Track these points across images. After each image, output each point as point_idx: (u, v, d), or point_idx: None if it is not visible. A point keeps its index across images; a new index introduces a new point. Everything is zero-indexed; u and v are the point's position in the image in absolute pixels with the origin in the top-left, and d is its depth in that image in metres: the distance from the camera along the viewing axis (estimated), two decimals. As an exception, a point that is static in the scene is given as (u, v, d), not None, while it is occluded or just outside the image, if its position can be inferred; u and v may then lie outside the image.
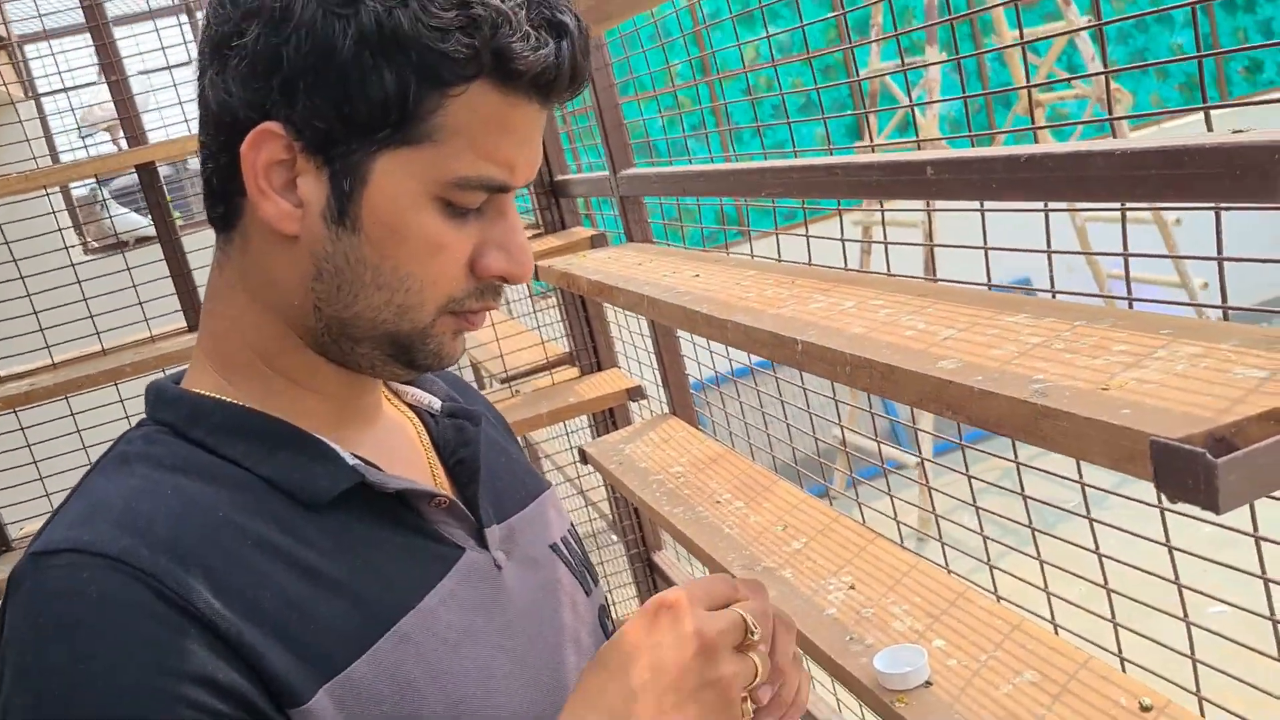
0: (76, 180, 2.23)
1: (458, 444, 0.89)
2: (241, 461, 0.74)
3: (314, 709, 0.66)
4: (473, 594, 0.79)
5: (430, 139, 0.71)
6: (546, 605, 0.86)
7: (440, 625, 0.75)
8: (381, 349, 0.77)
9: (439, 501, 0.80)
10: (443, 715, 0.71)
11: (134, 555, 0.65)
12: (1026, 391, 0.72)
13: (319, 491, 0.74)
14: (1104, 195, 0.87)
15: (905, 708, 1.05)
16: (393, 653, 0.71)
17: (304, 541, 0.72)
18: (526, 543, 0.88)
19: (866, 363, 0.90)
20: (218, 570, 0.67)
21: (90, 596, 0.63)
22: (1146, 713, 0.96)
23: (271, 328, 0.78)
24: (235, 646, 0.65)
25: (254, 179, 0.72)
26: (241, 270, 0.78)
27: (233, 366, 0.79)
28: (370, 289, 0.74)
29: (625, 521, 2.50)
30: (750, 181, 1.45)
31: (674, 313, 1.30)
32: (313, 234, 0.73)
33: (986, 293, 1.04)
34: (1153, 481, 0.61)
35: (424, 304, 0.75)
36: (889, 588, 1.28)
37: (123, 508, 0.68)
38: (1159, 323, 0.82)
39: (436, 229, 0.73)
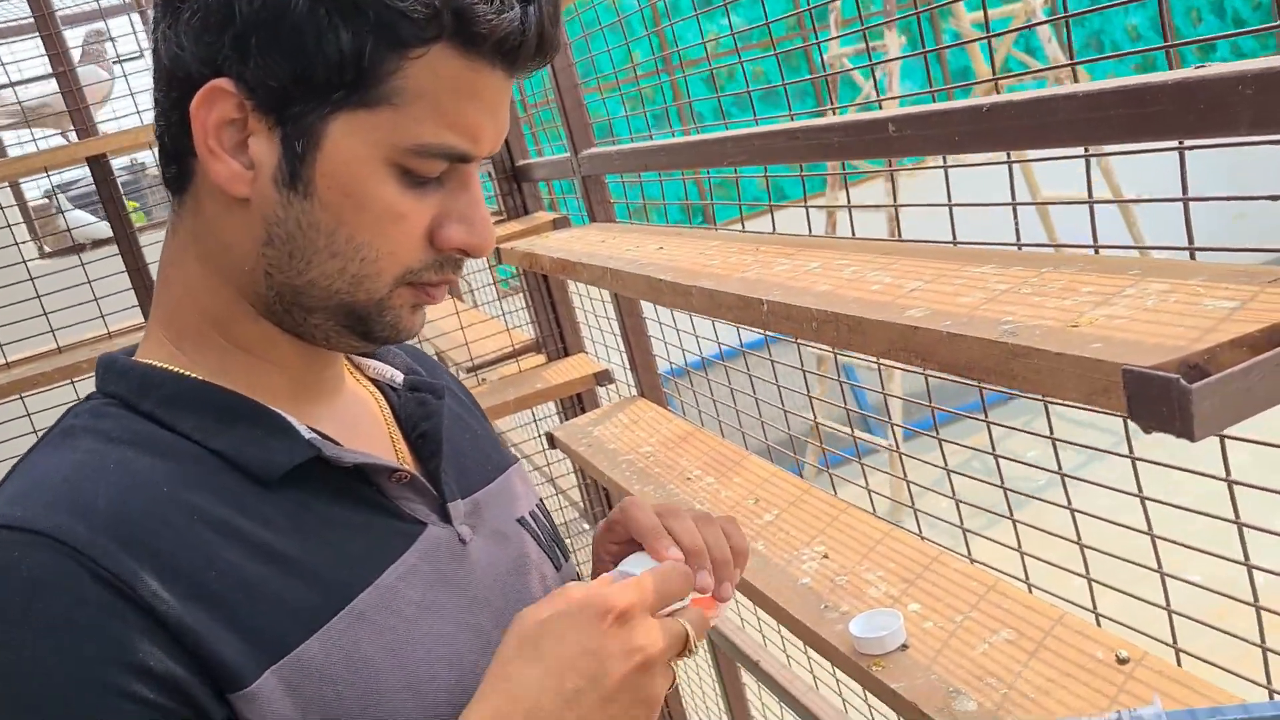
0: (25, 175, 2.18)
1: (420, 418, 0.86)
2: (193, 435, 0.71)
3: (258, 692, 0.63)
4: (435, 569, 0.77)
5: (388, 102, 0.68)
6: (514, 579, 0.83)
7: (400, 601, 0.72)
8: (336, 320, 0.74)
9: (399, 476, 0.78)
10: (402, 692, 0.69)
11: (69, 533, 0.62)
12: (996, 332, 0.71)
13: (273, 467, 0.71)
14: (1068, 140, 0.86)
15: (883, 671, 1.04)
16: (348, 631, 0.68)
17: (257, 518, 0.69)
18: (493, 517, 0.86)
19: (833, 317, 0.89)
20: (162, 550, 0.64)
21: (20, 576, 0.60)
22: (1124, 664, 0.96)
23: (224, 296, 0.75)
24: (174, 631, 0.62)
25: (204, 138, 0.69)
26: (193, 234, 0.74)
27: (186, 337, 0.76)
28: (323, 256, 0.71)
29: (596, 508, 2.48)
30: (712, 152, 1.43)
31: (637, 283, 1.28)
32: (264, 197, 0.70)
33: (952, 248, 1.03)
34: (1125, 414, 0.60)
35: (380, 274, 0.72)
36: (862, 555, 1.27)
37: (61, 483, 0.65)
38: (1127, 264, 0.81)
39: (394, 197, 0.70)
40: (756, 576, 1.27)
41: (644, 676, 0.67)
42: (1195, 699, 0.89)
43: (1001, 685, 0.97)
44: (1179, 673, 0.94)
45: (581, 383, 2.21)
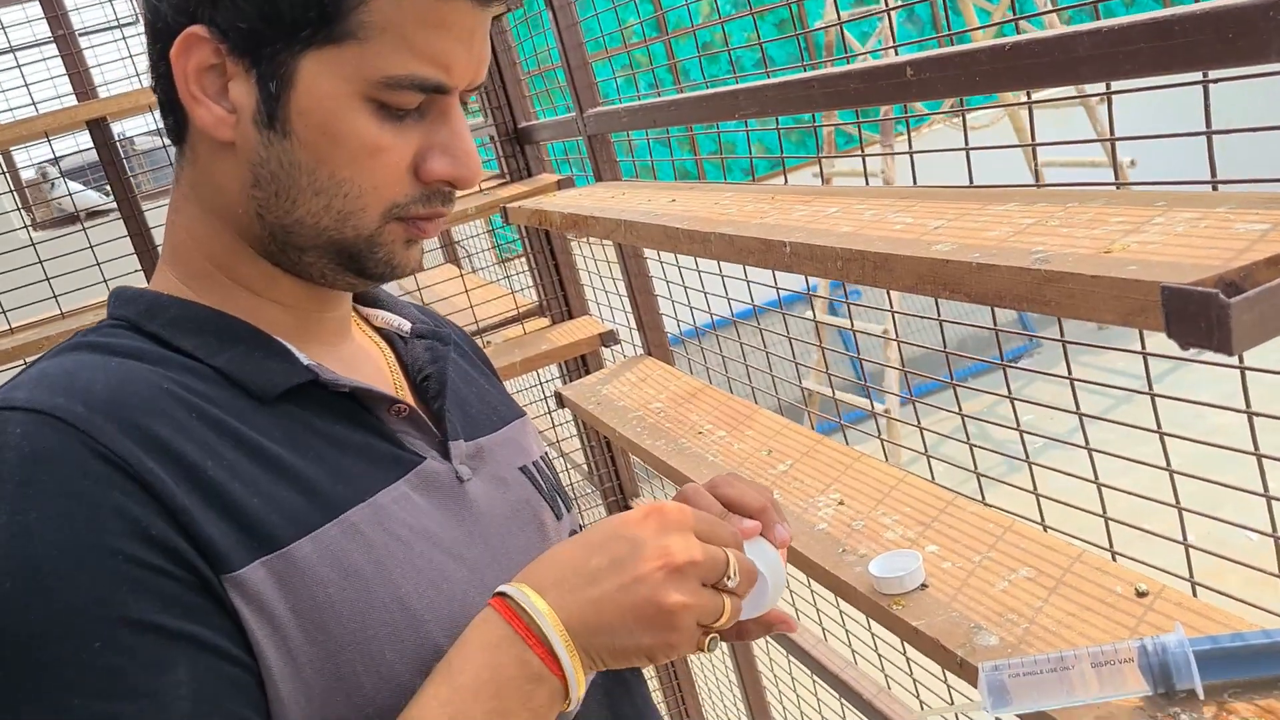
0: (27, 139, 2.17)
1: (425, 362, 0.88)
2: (195, 353, 0.73)
3: (247, 577, 0.64)
4: (429, 500, 0.78)
5: (354, 37, 0.69)
6: (512, 523, 0.84)
7: (392, 522, 0.73)
8: (329, 257, 0.76)
9: (398, 409, 0.80)
10: (392, 606, 0.70)
11: (67, 411, 0.63)
12: (1028, 260, 0.72)
13: (271, 385, 0.73)
14: (1091, 75, 0.87)
15: (903, 609, 1.05)
16: (340, 539, 0.69)
17: (254, 427, 0.71)
18: (495, 463, 0.87)
19: (858, 255, 0.90)
20: (159, 435, 0.65)
21: (21, 450, 0.61)
22: (1143, 598, 0.97)
23: (225, 238, 0.77)
24: (169, 506, 0.63)
25: (185, 84, 0.71)
26: (192, 181, 0.77)
27: (194, 275, 0.78)
28: (307, 194, 0.72)
29: (602, 469, 2.49)
30: (723, 105, 1.43)
31: (653, 234, 1.28)
32: (247, 140, 0.72)
33: (972, 189, 1.04)
34: (1164, 330, 0.61)
35: (365, 209, 0.73)
36: (878, 501, 1.28)
37: (59, 374, 0.67)
38: (1152, 197, 0.82)
39: (371, 131, 0.71)
40: (773, 523, 1.28)
41: (668, 579, 0.66)
42: (1215, 628, 0.91)
43: (1022, 620, 0.99)
44: (1197, 603, 0.95)
45: (587, 344, 2.21)
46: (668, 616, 0.67)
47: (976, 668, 0.94)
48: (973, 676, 0.96)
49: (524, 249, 2.50)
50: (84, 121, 2.12)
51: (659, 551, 0.67)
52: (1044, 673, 0.87)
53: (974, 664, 0.95)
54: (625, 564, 0.67)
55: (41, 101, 2.49)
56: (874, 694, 1.66)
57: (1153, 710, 0.83)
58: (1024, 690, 0.87)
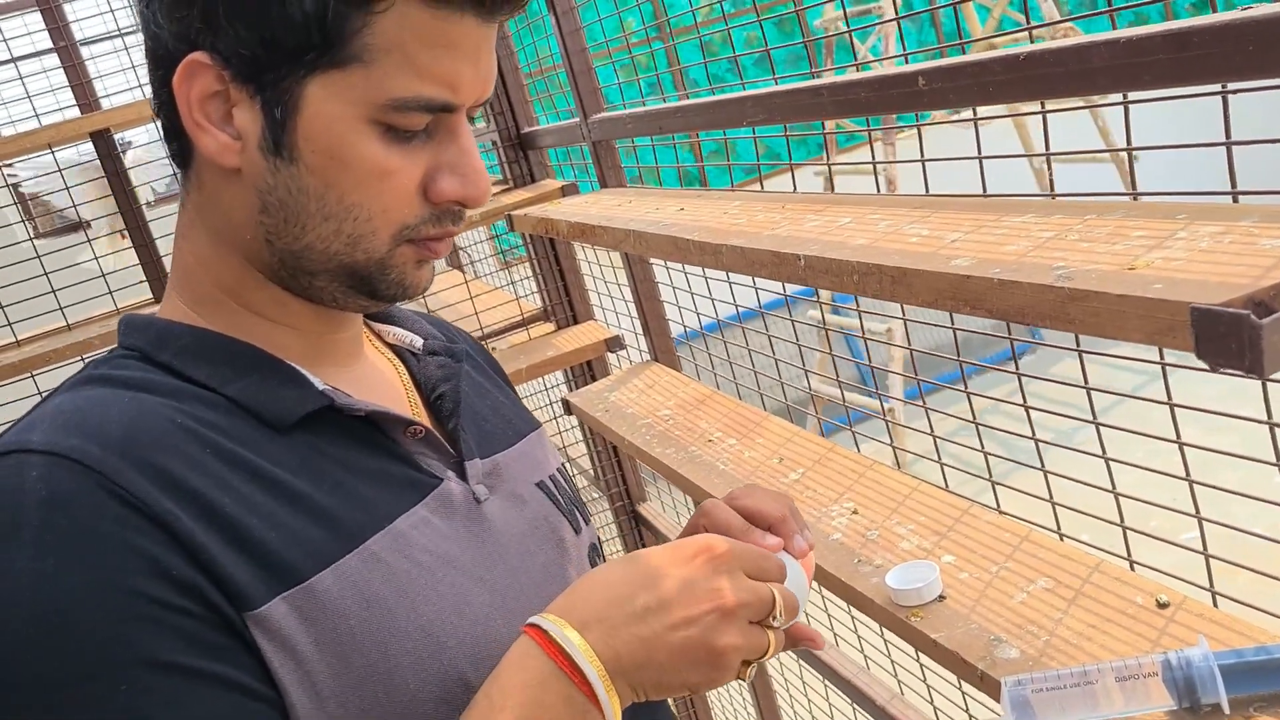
0: (30, 151, 2.16)
1: (439, 380, 0.87)
2: (208, 383, 0.72)
3: (268, 613, 0.64)
4: (448, 523, 0.77)
5: (358, 60, 0.68)
6: (531, 541, 0.84)
7: (412, 548, 0.73)
8: (340, 281, 0.75)
9: (414, 430, 0.79)
10: (415, 635, 0.69)
11: (83, 452, 0.62)
12: (1051, 277, 0.71)
13: (285, 412, 0.73)
14: (1107, 86, 0.86)
15: (921, 621, 1.05)
16: (361, 569, 0.69)
17: (269, 459, 0.70)
18: (512, 479, 0.87)
19: (875, 269, 0.89)
20: (174, 473, 0.64)
21: (39, 494, 0.61)
22: (1164, 609, 0.97)
23: (233, 264, 0.76)
24: (189, 546, 0.62)
25: (188, 112, 0.70)
26: (198, 208, 0.76)
27: (202, 302, 0.77)
28: (316, 220, 0.71)
29: (608, 475, 2.48)
30: (731, 112, 1.43)
31: (663, 245, 1.28)
32: (253, 166, 0.71)
33: (986, 199, 1.03)
34: (1194, 352, 0.61)
35: (375, 233, 0.72)
36: (892, 510, 1.28)
37: (73, 412, 0.66)
38: (1173, 209, 0.81)
39: (379, 155, 0.70)
40: (788, 533, 1.27)
41: (720, 622, 0.67)
42: (1237, 640, 0.90)
43: (1043, 632, 0.98)
44: (1219, 615, 0.95)
45: (593, 349, 2.21)
46: (718, 657, 0.67)
47: (997, 681, 0.94)
48: (993, 690, 0.96)
49: (528, 254, 2.49)
50: (88, 133, 2.12)
51: (711, 594, 0.67)
52: (1068, 687, 0.86)
53: (995, 677, 0.94)
54: (676, 604, 0.67)
55: (43, 112, 2.48)
56: (887, 700, 1.65)
57: (1177, 725, 0.83)
58: (1048, 705, 0.87)
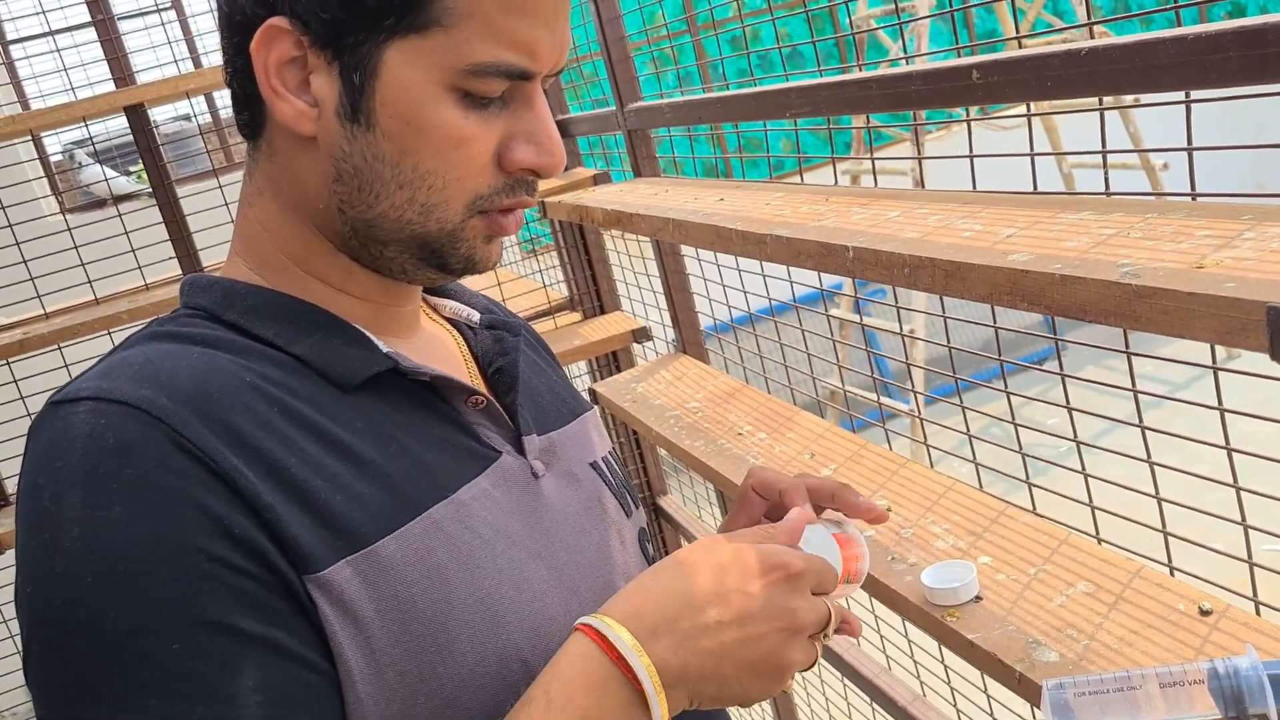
0: (65, 124, 2.16)
1: (496, 354, 0.87)
2: (274, 341, 0.72)
3: (332, 577, 0.63)
4: (508, 497, 0.77)
5: (439, 24, 0.67)
6: (585, 520, 0.83)
7: (473, 520, 0.72)
8: (410, 252, 0.74)
9: (476, 400, 0.78)
10: (474, 607, 0.69)
11: (151, 403, 0.62)
12: (1116, 274, 0.70)
13: (352, 372, 0.72)
14: (1171, 84, 0.85)
15: (957, 621, 1.04)
16: (423, 536, 0.68)
17: (336, 420, 0.69)
18: (566, 457, 0.86)
19: (928, 262, 0.88)
20: (242, 430, 0.64)
21: (108, 443, 0.60)
22: (1206, 616, 0.95)
23: (302, 233, 0.76)
24: (254, 505, 0.62)
25: (265, 79, 0.70)
26: (268, 176, 0.76)
27: (268, 267, 0.77)
28: (391, 188, 0.71)
29: (629, 468, 2.47)
30: (774, 103, 1.42)
31: (705, 233, 1.27)
32: (330, 133, 0.70)
33: (1039, 196, 1.02)
34: (1268, 352, 0.60)
35: (449, 202, 0.72)
36: (926, 509, 1.26)
37: (143, 364, 0.66)
38: (1237, 210, 0.80)
39: (457, 121, 0.70)
40: (820, 529, 1.26)
41: (787, 641, 0.68)
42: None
43: (1083, 636, 0.97)
44: (1263, 624, 0.93)
45: (619, 339, 2.20)
46: (782, 672, 0.68)
47: (1035, 684, 0.93)
48: (1031, 693, 0.95)
49: (556, 242, 2.48)
50: (122, 107, 2.12)
51: (785, 614, 0.68)
52: (1110, 692, 0.85)
53: (1033, 679, 0.93)
54: (750, 622, 0.67)
55: (75, 86, 2.48)
56: (909, 701, 1.64)
57: (1222, 734, 0.82)
58: (1088, 710, 0.86)
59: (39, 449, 0.62)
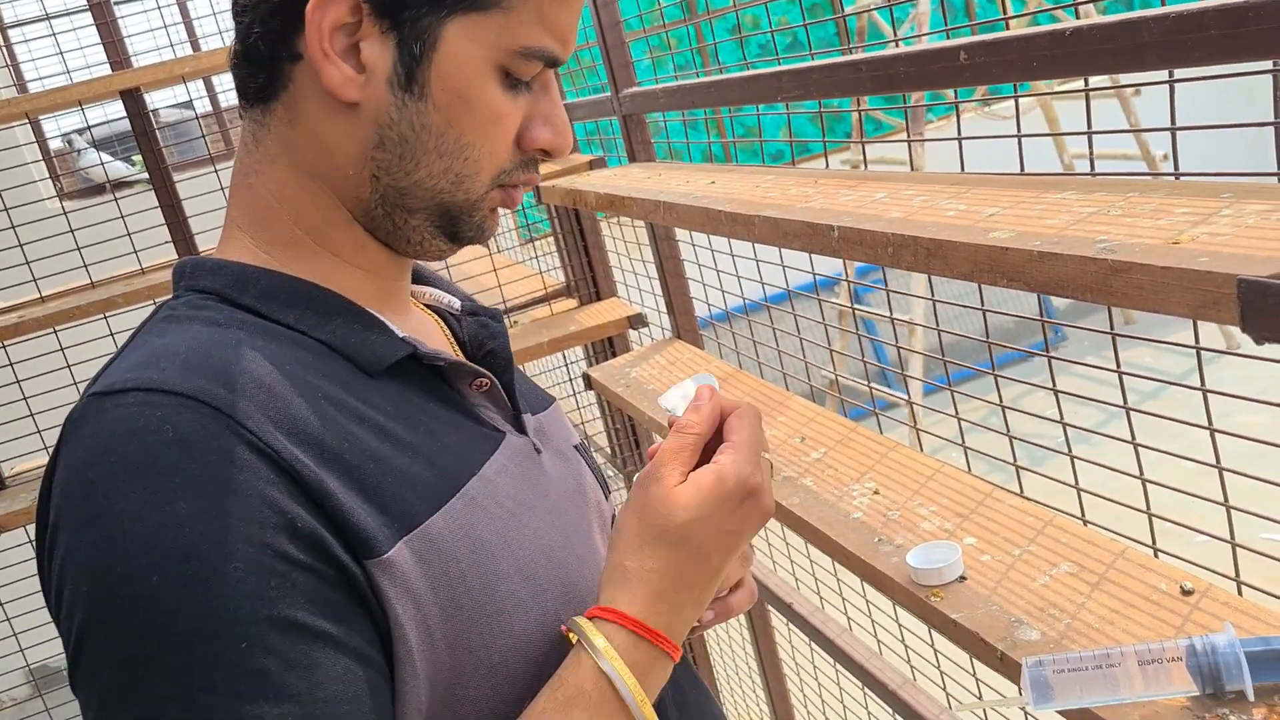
0: (60, 108, 2.16)
1: (485, 337, 0.88)
2: (297, 326, 0.73)
3: (394, 560, 0.64)
4: (521, 472, 0.79)
5: (499, 6, 0.71)
6: (578, 497, 0.86)
7: (500, 494, 0.75)
8: (432, 221, 0.77)
9: (480, 383, 0.80)
10: (515, 577, 0.71)
11: (212, 395, 0.62)
12: (1093, 249, 0.71)
13: (377, 358, 0.74)
14: (1155, 63, 0.85)
15: (942, 601, 1.04)
16: (465, 512, 0.70)
17: (369, 404, 0.71)
18: (555, 438, 0.89)
19: (911, 240, 0.88)
20: (297, 417, 0.65)
21: (166, 435, 0.60)
22: (1188, 596, 0.96)
23: (323, 201, 0.76)
24: (315, 495, 0.62)
25: (318, 41, 0.70)
26: (286, 142, 0.75)
27: (275, 242, 0.77)
28: (432, 157, 0.73)
29: (625, 453, 2.48)
30: (766, 87, 1.42)
31: (694, 216, 1.27)
32: (376, 101, 0.72)
33: (1024, 177, 1.02)
34: (1239, 325, 0.60)
35: (479, 174, 0.75)
36: (914, 491, 1.27)
37: (188, 353, 0.65)
38: (1218, 188, 0.80)
39: (500, 99, 0.73)
40: (808, 511, 1.27)
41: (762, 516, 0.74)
42: (1262, 629, 0.89)
43: (1064, 615, 0.97)
44: (1244, 603, 0.94)
45: (615, 326, 2.20)
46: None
47: (1017, 662, 0.93)
48: (1013, 671, 0.95)
49: (553, 229, 2.48)
50: (118, 91, 2.12)
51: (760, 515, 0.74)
52: (1089, 669, 0.86)
53: (1015, 658, 0.94)
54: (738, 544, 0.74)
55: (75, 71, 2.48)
56: (899, 685, 1.65)
57: (1200, 711, 0.82)
58: (1067, 686, 0.86)
59: (86, 442, 0.61)
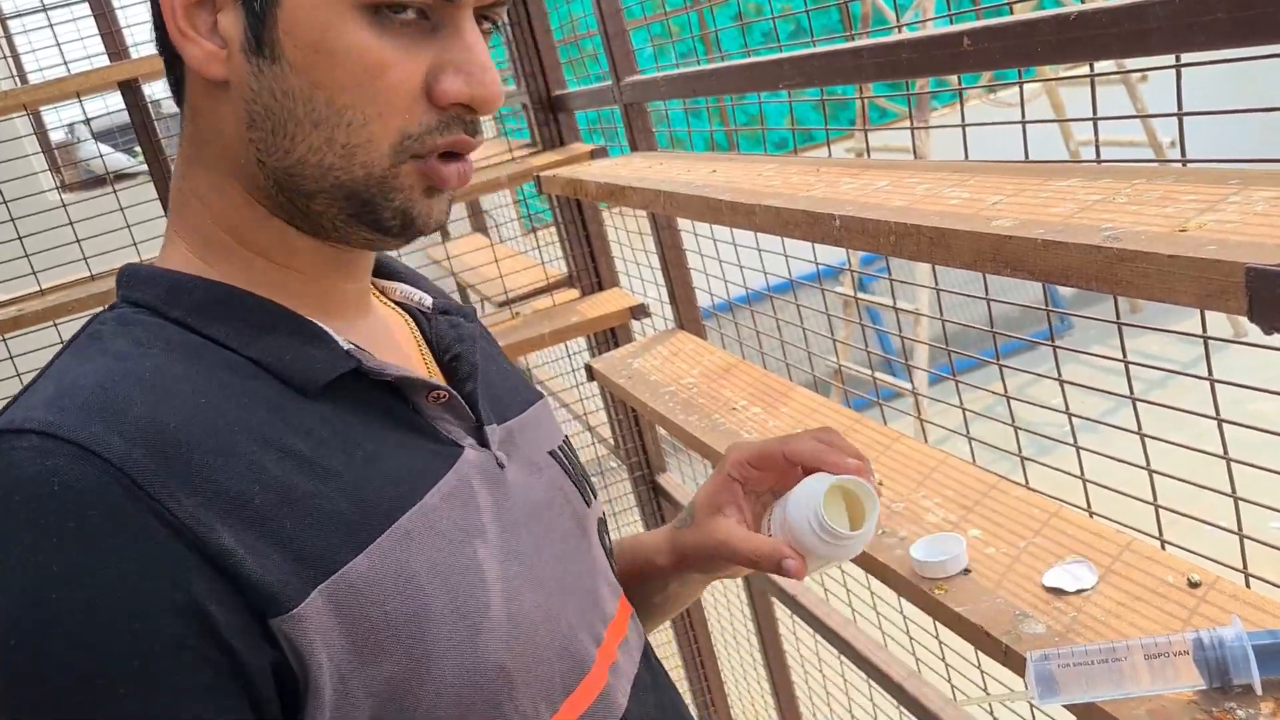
0: (59, 99, 2.15)
1: (452, 340, 0.82)
2: (228, 342, 0.67)
3: (305, 614, 0.59)
4: (475, 493, 0.73)
5: None
6: (550, 509, 0.80)
7: (443, 523, 0.68)
8: (338, 204, 0.68)
9: (437, 395, 0.74)
10: (449, 615, 0.65)
11: (106, 445, 0.57)
12: (1098, 238, 0.69)
13: (313, 375, 0.67)
14: (1161, 47, 0.83)
15: (945, 594, 1.03)
16: (394, 549, 0.64)
17: (297, 429, 0.65)
18: (527, 446, 0.83)
19: (913, 229, 0.87)
20: (201, 465, 0.59)
21: (55, 490, 0.55)
22: (1195, 588, 0.95)
23: (232, 197, 0.70)
24: (214, 554, 0.57)
25: (173, 21, 0.65)
26: (193, 139, 0.71)
27: (209, 248, 0.71)
28: (306, 127, 0.65)
29: (629, 444, 2.47)
30: (767, 75, 1.40)
31: (694, 205, 1.26)
32: (238, 74, 0.66)
33: (1029, 164, 1.01)
34: (1246, 314, 0.59)
35: (373, 142, 0.65)
36: (918, 483, 1.26)
37: (94, 388, 0.60)
38: (1225, 174, 0.79)
39: (369, 44, 0.63)
40: (810, 503, 1.25)
41: None
42: (1270, 621, 0.88)
43: (1070, 609, 0.96)
44: (1252, 595, 0.93)
45: (617, 316, 2.19)
46: None
47: (1022, 656, 0.92)
48: (1017, 665, 0.94)
49: (555, 219, 2.47)
50: (116, 82, 2.11)
51: None
52: (1094, 663, 0.85)
53: (1019, 652, 0.92)
54: None
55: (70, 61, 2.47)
56: (904, 677, 1.64)
57: (1207, 705, 0.81)
58: (1072, 681, 0.85)
59: None
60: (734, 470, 0.87)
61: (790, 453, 0.84)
